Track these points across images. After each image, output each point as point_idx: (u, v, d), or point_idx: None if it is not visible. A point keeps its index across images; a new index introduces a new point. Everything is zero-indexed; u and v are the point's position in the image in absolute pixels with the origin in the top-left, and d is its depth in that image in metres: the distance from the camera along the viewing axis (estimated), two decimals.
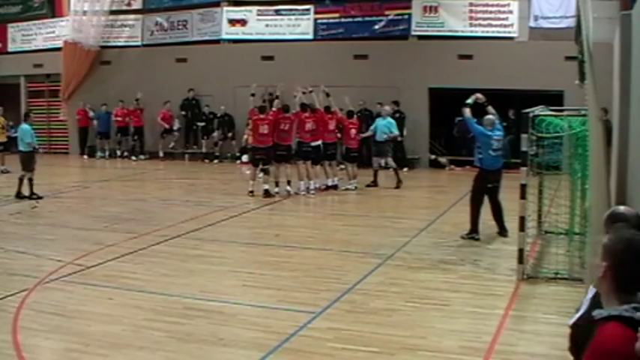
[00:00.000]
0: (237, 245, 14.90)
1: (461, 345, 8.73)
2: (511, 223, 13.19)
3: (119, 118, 32.19)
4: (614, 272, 3.39)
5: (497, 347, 8.62)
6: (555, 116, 12.65)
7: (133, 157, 31.79)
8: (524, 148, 11.88)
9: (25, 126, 20.94)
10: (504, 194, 16.17)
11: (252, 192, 20.76)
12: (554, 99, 20.61)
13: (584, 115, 11.00)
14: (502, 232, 15.16)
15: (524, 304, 10.62)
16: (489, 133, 14.92)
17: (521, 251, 11.75)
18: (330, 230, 16.49)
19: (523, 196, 11.95)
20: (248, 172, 22.83)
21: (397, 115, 27.45)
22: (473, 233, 14.94)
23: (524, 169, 11.94)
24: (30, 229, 16.64)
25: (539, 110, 12.65)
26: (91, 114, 33.12)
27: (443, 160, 25.40)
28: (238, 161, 29.11)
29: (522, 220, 11.90)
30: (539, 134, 12.10)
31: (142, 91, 31.41)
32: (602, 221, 4.93)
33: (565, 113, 12.96)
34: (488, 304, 10.49)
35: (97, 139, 33.35)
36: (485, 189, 15.06)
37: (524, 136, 11.87)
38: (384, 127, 22.82)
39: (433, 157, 16.21)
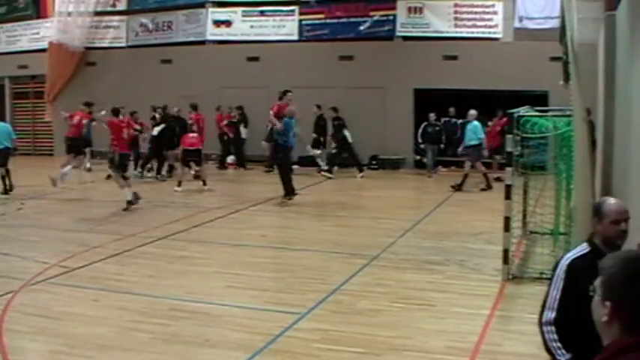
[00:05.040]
0: (223, 246, 14.87)
1: (447, 345, 8.75)
2: (496, 223, 13.21)
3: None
4: (619, 313, 2.67)
5: (483, 347, 8.65)
6: (540, 116, 12.70)
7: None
8: (509, 149, 11.90)
9: (5, 124, 21.10)
10: (489, 194, 16.21)
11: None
12: (538, 99, 20.70)
13: (569, 116, 11.04)
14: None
15: (510, 304, 10.66)
16: (292, 122, 20.18)
17: (506, 251, 11.78)
18: (316, 231, 16.51)
19: (508, 197, 11.98)
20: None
21: (336, 122, 27.26)
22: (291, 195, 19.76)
23: (509, 169, 11.96)
24: (15, 230, 16.57)
25: (524, 111, 12.69)
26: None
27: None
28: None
29: (507, 221, 11.92)
30: (525, 134, 12.15)
31: (127, 93, 31.13)
32: (587, 220, 4.98)
33: (550, 114, 13.00)
34: (474, 304, 10.52)
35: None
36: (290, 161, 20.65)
37: (509, 136, 11.89)
38: (470, 131, 22.74)
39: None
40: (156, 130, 25.73)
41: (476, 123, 22.80)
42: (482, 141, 22.77)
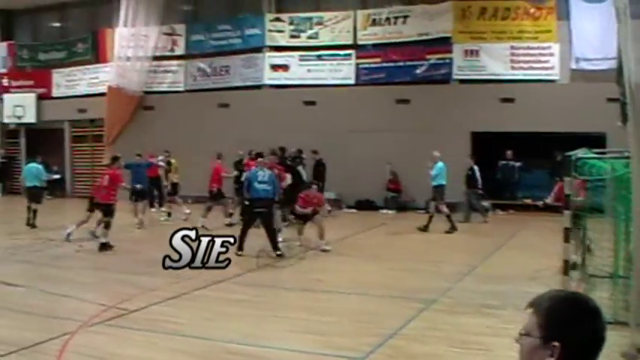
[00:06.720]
0: (279, 290, 14.90)
1: None
2: (555, 266, 13.02)
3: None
4: (568, 353, 2.78)
5: None
6: (598, 158, 12.56)
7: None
8: (567, 192, 11.78)
9: (37, 165, 24.95)
10: (543, 237, 16.01)
11: None
12: (596, 141, 20.49)
13: (627, 157, 10.90)
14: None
15: None
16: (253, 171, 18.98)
17: None
18: (372, 274, 16.40)
19: (567, 240, 11.82)
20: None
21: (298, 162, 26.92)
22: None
23: (567, 212, 11.81)
24: (72, 272, 16.74)
25: (581, 153, 12.57)
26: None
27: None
28: None
29: (566, 264, 11.77)
30: (582, 177, 12.02)
31: (184, 137, 31.55)
32: None
33: (608, 155, 12.85)
34: None
35: (130, 199, 25.47)
36: (253, 214, 18.83)
37: (567, 179, 11.77)
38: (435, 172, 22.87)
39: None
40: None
41: (440, 164, 22.79)
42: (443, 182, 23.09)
